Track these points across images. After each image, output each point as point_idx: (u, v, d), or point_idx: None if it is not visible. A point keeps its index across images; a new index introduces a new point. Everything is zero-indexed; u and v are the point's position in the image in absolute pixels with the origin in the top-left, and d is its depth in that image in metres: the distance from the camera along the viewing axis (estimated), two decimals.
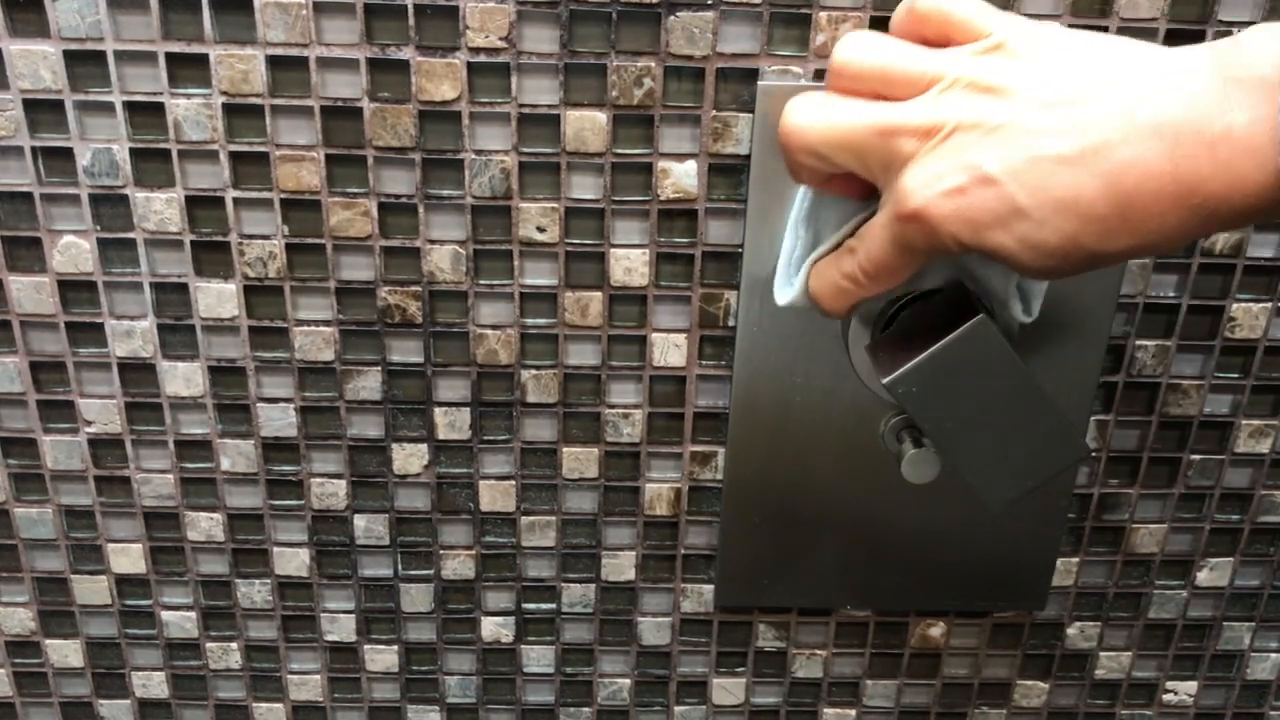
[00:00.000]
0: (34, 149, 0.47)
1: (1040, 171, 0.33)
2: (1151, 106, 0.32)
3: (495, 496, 0.54)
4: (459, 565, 0.56)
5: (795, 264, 0.43)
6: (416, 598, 0.57)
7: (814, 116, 0.37)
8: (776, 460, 0.53)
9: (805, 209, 0.42)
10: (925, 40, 0.37)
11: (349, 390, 0.52)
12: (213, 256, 0.49)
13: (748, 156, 0.47)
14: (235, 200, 0.48)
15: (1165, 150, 0.31)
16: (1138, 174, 0.32)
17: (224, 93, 0.46)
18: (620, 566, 0.56)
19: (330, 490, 0.54)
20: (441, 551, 0.56)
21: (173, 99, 0.46)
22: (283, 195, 0.48)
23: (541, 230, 0.49)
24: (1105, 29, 0.45)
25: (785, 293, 0.43)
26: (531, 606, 0.57)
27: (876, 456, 0.52)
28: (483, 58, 0.45)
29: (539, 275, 0.49)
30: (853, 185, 0.40)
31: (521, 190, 0.48)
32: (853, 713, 0.61)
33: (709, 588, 0.57)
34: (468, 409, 0.52)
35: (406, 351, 0.51)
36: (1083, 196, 0.32)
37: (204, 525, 0.55)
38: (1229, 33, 0.45)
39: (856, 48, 0.37)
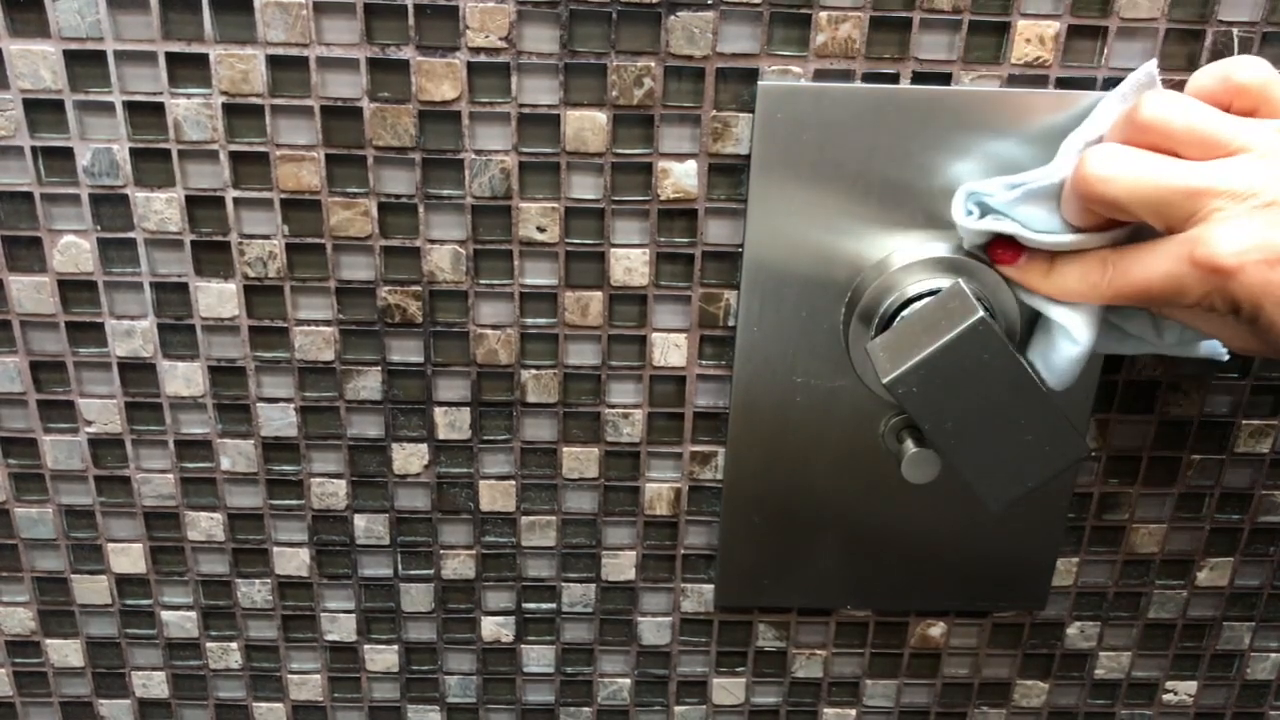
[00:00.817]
0: (34, 149, 0.47)
1: None
2: None
3: (495, 496, 0.54)
4: (459, 565, 0.56)
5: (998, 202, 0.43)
6: (416, 597, 0.57)
7: (1118, 170, 0.38)
8: (776, 460, 0.53)
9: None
10: (1230, 109, 0.38)
11: (349, 390, 0.52)
12: (213, 256, 0.49)
13: (748, 156, 0.47)
14: (235, 200, 0.48)
15: None
16: None
17: (224, 93, 0.46)
18: (620, 566, 0.56)
19: (330, 490, 0.54)
20: (441, 551, 0.56)
21: (173, 99, 0.46)
22: (283, 195, 0.48)
23: (541, 230, 0.49)
24: (1105, 29, 0.45)
25: (974, 221, 0.44)
26: (531, 606, 0.57)
27: (876, 456, 0.52)
28: (483, 58, 0.45)
29: (539, 275, 0.50)
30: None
31: (521, 190, 0.48)
32: (853, 713, 0.61)
33: (709, 588, 0.57)
34: (468, 409, 0.52)
35: (406, 351, 0.51)
36: None
37: (204, 525, 0.55)
38: (1228, 33, 0.45)
39: (1168, 107, 0.38)
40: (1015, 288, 0.44)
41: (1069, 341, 0.43)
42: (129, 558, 0.56)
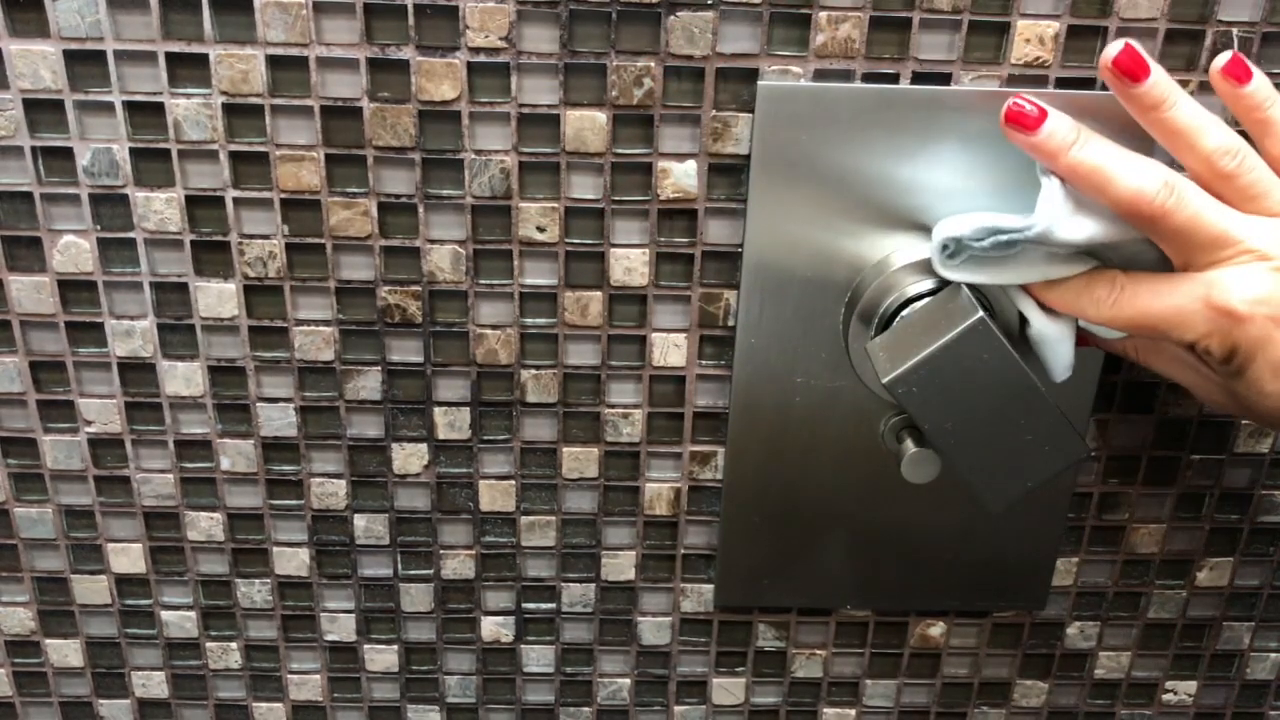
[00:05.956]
0: (34, 149, 0.47)
1: None
2: None
3: (495, 496, 0.54)
4: (459, 565, 0.56)
5: (991, 244, 0.43)
6: (416, 597, 0.57)
7: (1188, 199, 0.39)
8: (776, 460, 0.53)
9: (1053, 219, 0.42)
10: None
11: (349, 390, 0.52)
12: (213, 256, 0.49)
13: (748, 156, 0.47)
14: (235, 200, 0.48)
15: None
16: None
17: (224, 92, 0.46)
18: (620, 566, 0.56)
19: (330, 490, 0.54)
20: (441, 551, 0.56)
21: (173, 99, 0.46)
22: (283, 195, 0.48)
23: (541, 230, 0.49)
24: (1105, 29, 0.45)
25: (956, 261, 0.43)
26: (531, 606, 0.57)
27: (876, 456, 0.52)
28: (483, 58, 0.45)
29: (539, 275, 0.50)
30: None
31: (521, 190, 0.48)
32: (852, 713, 0.61)
33: (709, 588, 0.57)
34: (468, 409, 0.52)
35: (406, 351, 0.51)
36: None
37: (204, 525, 0.55)
38: (1228, 33, 0.45)
39: (1229, 145, 0.39)
40: (1010, 290, 0.44)
41: (1050, 354, 0.44)
42: (129, 558, 0.56)
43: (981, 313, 0.40)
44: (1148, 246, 0.41)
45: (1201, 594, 0.58)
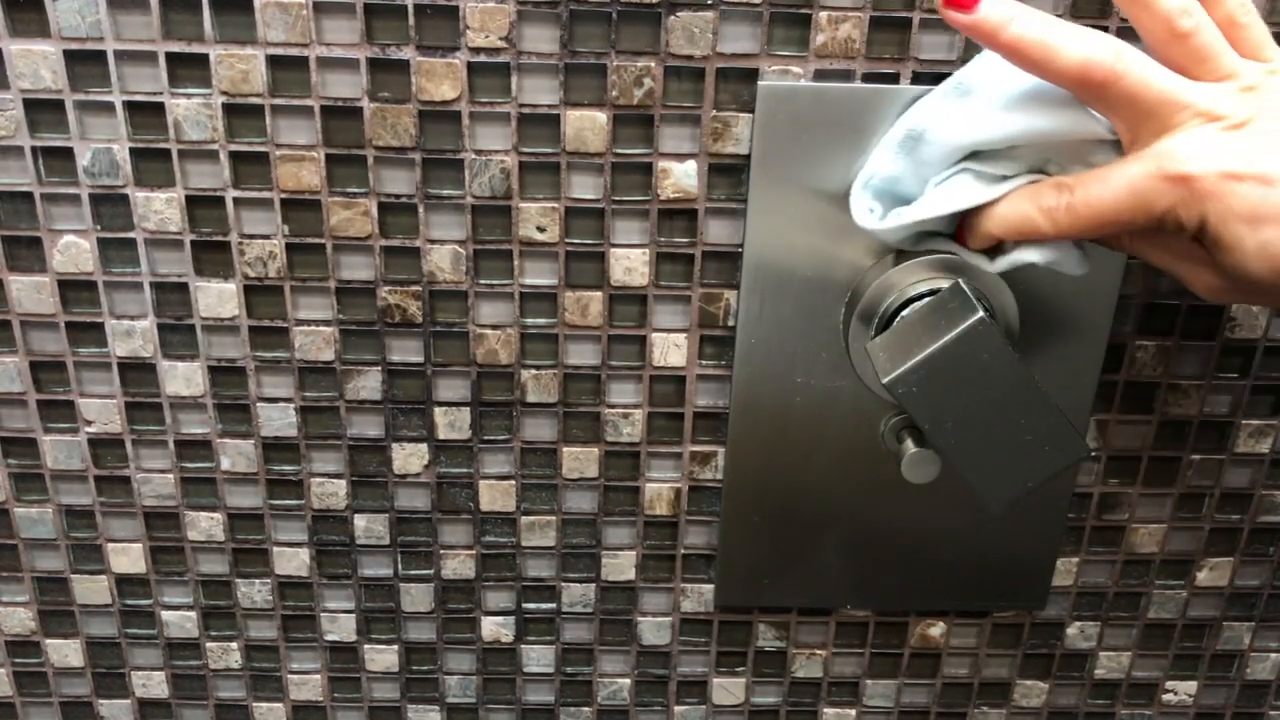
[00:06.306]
0: (34, 149, 0.47)
1: None
2: None
3: (495, 496, 0.54)
4: (459, 565, 0.56)
5: (899, 188, 0.43)
6: (416, 597, 0.57)
7: (1130, 64, 0.37)
8: (776, 460, 0.53)
9: (922, 137, 0.42)
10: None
11: (349, 390, 0.52)
12: (213, 256, 0.49)
13: (748, 156, 0.47)
14: (235, 200, 0.48)
15: None
16: None
17: (224, 92, 0.46)
18: (620, 566, 0.56)
19: (330, 490, 0.54)
20: (441, 551, 0.56)
21: (173, 99, 0.46)
22: (283, 195, 0.48)
23: (541, 230, 0.49)
24: (1105, 29, 0.45)
25: (878, 216, 0.43)
26: (531, 606, 0.57)
27: (876, 456, 0.52)
28: (483, 58, 0.45)
29: (539, 275, 0.50)
30: None
31: (521, 190, 0.48)
32: (853, 713, 0.61)
33: (709, 588, 0.57)
34: (468, 409, 0.52)
35: (406, 351, 0.51)
36: None
37: (204, 525, 0.55)
38: None
39: (1187, 5, 0.38)
40: (1008, 279, 0.44)
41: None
42: (129, 558, 0.56)
43: (982, 313, 0.40)
44: (1080, 152, 0.41)
45: (1201, 594, 0.58)
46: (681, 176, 0.47)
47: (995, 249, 0.43)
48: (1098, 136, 0.40)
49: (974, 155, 0.42)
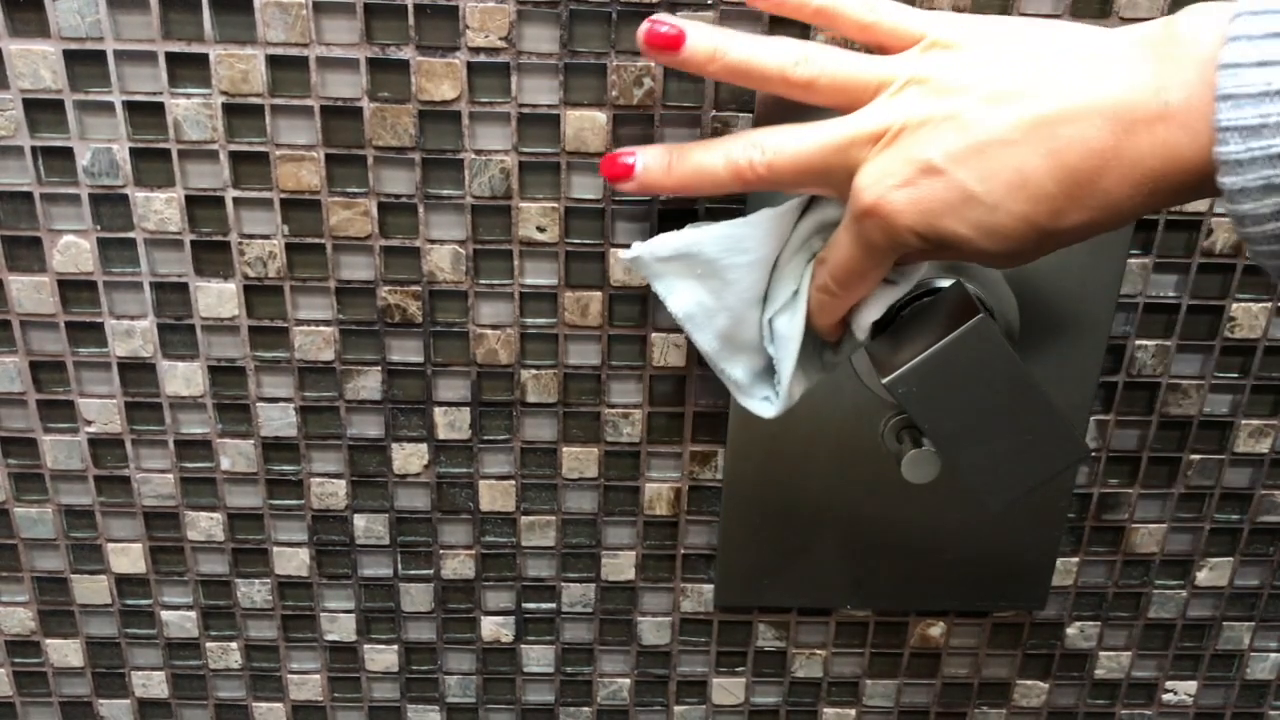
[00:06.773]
0: (34, 149, 0.47)
1: (987, 156, 0.34)
2: (1092, 87, 0.33)
3: (495, 496, 0.54)
4: (459, 565, 0.56)
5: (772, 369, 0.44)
6: (416, 597, 0.57)
7: (780, 145, 0.38)
8: (776, 460, 0.53)
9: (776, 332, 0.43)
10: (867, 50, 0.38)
11: (349, 390, 0.52)
12: (213, 256, 0.49)
13: None
14: (235, 200, 0.48)
15: (1106, 128, 0.32)
16: (1081, 150, 0.33)
17: (224, 92, 0.46)
18: (620, 566, 0.56)
19: (330, 490, 0.54)
20: (441, 551, 0.56)
21: (173, 99, 0.46)
22: (283, 195, 0.48)
23: (541, 230, 0.49)
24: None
25: (772, 403, 0.44)
26: (531, 606, 0.57)
27: (876, 456, 0.52)
28: (483, 58, 0.45)
29: (539, 275, 0.50)
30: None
31: (521, 190, 0.48)
32: (852, 712, 0.61)
33: (709, 587, 0.57)
34: (468, 409, 0.52)
35: (406, 351, 0.51)
36: (1030, 177, 0.33)
37: (204, 525, 0.55)
38: None
39: (815, 60, 0.38)
40: (1008, 279, 0.44)
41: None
42: (129, 558, 0.56)
43: (982, 313, 0.40)
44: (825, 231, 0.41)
45: (1201, 594, 0.58)
46: None
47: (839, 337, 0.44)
48: (829, 220, 0.41)
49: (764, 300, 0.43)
